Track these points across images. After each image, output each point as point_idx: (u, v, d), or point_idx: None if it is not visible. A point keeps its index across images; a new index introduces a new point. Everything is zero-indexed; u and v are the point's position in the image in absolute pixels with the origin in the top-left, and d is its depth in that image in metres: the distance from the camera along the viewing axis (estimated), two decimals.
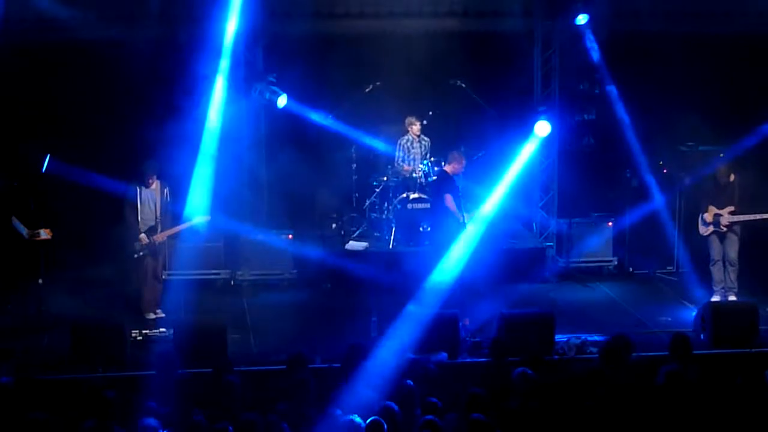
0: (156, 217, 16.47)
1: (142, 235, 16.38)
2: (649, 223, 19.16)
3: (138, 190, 16.45)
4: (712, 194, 17.54)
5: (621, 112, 19.58)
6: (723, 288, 17.53)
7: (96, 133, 18.64)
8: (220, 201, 18.14)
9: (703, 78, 19.67)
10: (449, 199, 17.15)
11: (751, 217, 17.38)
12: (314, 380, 12.19)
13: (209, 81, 18.51)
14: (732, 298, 17.43)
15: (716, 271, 17.61)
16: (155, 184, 16.50)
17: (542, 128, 19.26)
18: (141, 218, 16.41)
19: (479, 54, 20.28)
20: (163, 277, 16.87)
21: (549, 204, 20.40)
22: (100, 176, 17.69)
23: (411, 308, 15.23)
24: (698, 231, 17.73)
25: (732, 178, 17.39)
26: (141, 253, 16.44)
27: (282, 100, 18.60)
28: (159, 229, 16.48)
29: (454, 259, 16.97)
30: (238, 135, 19.09)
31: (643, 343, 14.29)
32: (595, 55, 19.37)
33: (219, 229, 18.16)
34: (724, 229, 17.41)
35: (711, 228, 17.45)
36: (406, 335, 14.32)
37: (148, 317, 16.47)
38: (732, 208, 17.29)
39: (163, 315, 16.59)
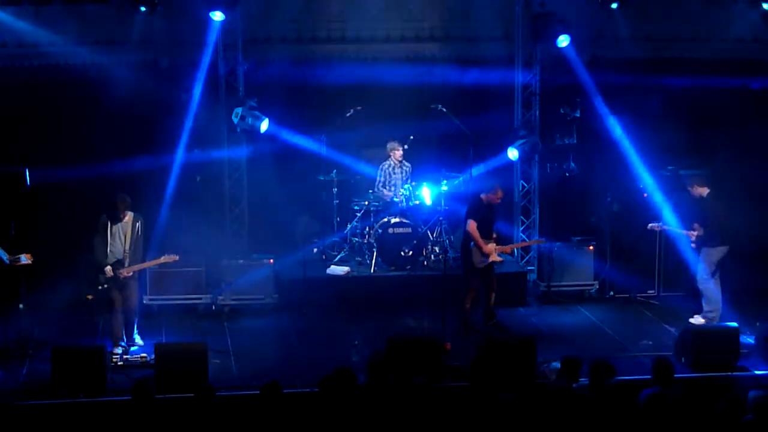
0: (124, 251, 15.99)
1: (108, 268, 15.86)
2: (630, 246, 19.19)
3: (108, 222, 15.98)
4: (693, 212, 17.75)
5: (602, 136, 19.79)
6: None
7: (75, 158, 18.61)
8: (200, 225, 18.14)
9: (684, 103, 19.82)
10: (472, 225, 17.21)
11: (676, 230, 17.86)
12: (294, 405, 12.16)
13: (190, 106, 18.55)
14: (698, 320, 17.47)
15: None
16: (128, 217, 15.99)
17: (512, 153, 19.45)
18: (110, 250, 15.94)
19: (460, 78, 20.33)
20: (134, 309, 16.30)
21: (530, 228, 20.46)
22: (76, 208, 17.84)
23: None
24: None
25: (702, 193, 17.50)
26: (105, 286, 15.97)
27: (264, 125, 18.64)
28: (126, 263, 16.00)
29: None
30: (218, 159, 19.13)
31: (624, 367, 14.28)
32: (577, 76, 19.54)
33: (199, 253, 18.16)
34: (693, 245, 17.56)
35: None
36: None
37: (114, 350, 15.90)
38: (696, 225, 17.49)
39: (138, 357, 15.95)
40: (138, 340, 16.24)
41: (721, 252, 17.43)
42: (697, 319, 17.55)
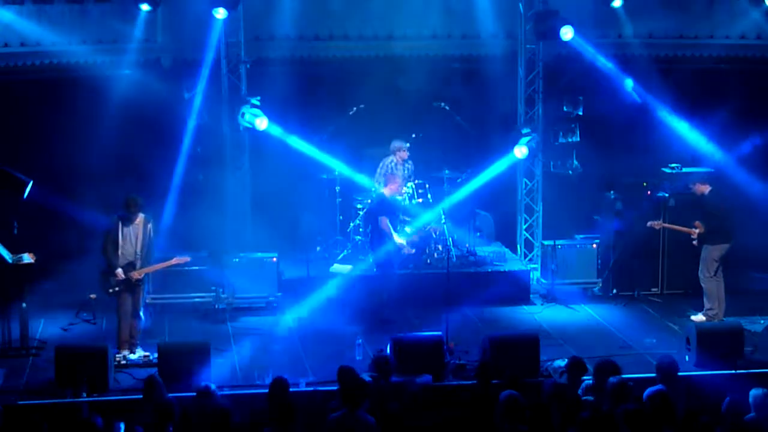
0: (135, 253, 15.88)
1: (119, 270, 15.74)
2: (633, 244, 19.15)
3: (120, 223, 15.85)
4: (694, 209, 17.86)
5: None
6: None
7: (79, 157, 18.63)
8: (204, 223, 18.13)
9: (687, 100, 19.81)
10: (384, 221, 17.42)
11: (678, 228, 17.98)
12: (298, 403, 12.16)
13: (192, 104, 18.53)
14: (699, 318, 17.47)
15: None
16: (139, 219, 15.83)
17: (521, 151, 19.40)
18: (121, 253, 15.80)
19: (463, 76, 20.34)
20: (141, 312, 16.22)
21: (533, 226, 20.43)
22: (79, 211, 17.79)
23: None
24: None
25: (704, 191, 17.54)
26: (116, 289, 15.85)
27: (262, 123, 18.58)
28: (138, 266, 15.90)
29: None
30: (221, 158, 19.10)
31: (628, 365, 14.27)
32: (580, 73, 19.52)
33: (203, 251, 18.18)
34: (695, 243, 17.58)
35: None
36: None
37: (120, 353, 15.79)
38: (697, 223, 17.52)
39: (141, 355, 15.89)
40: (140, 350, 16.08)
41: (723, 249, 17.45)
42: (698, 317, 17.55)
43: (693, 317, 17.65)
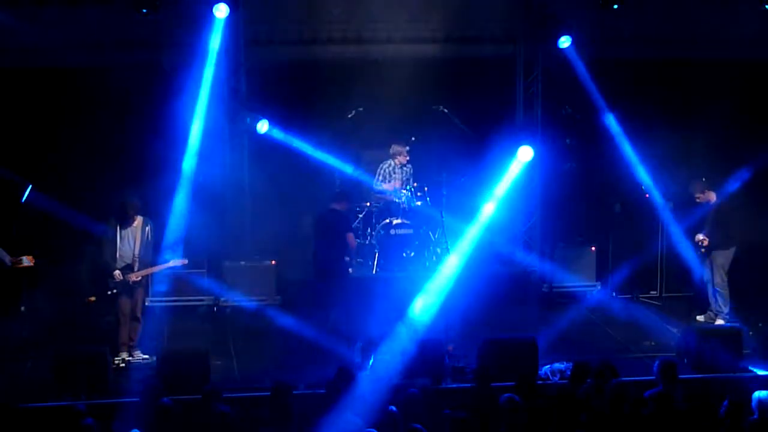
0: (134, 255, 15.93)
1: (117, 272, 15.78)
2: (632, 246, 19.16)
3: (118, 226, 15.90)
4: (699, 216, 17.82)
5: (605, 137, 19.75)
6: (712, 311, 17.63)
7: (78, 160, 18.63)
8: (203, 226, 18.13)
9: (687, 104, 19.81)
10: (352, 237, 17.49)
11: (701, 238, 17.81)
12: (297, 406, 12.17)
13: (192, 107, 18.53)
14: (719, 322, 17.48)
15: (710, 294, 17.72)
16: (138, 221, 15.91)
17: (525, 153, 19.34)
18: (119, 255, 15.85)
19: (462, 79, 20.34)
20: (140, 315, 16.22)
21: (532, 229, 20.43)
22: (79, 214, 17.77)
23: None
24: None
25: (711, 198, 17.55)
26: (115, 291, 15.86)
27: (262, 127, 18.60)
28: (135, 268, 15.93)
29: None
30: (221, 161, 19.10)
31: (626, 368, 14.27)
32: (579, 78, 19.46)
33: (202, 254, 18.17)
34: (703, 250, 17.58)
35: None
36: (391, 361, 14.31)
37: (119, 356, 15.82)
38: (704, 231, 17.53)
39: (140, 358, 15.97)
40: (140, 353, 16.09)
41: (732, 253, 17.52)
42: (719, 322, 17.54)
43: (699, 317, 17.75)
